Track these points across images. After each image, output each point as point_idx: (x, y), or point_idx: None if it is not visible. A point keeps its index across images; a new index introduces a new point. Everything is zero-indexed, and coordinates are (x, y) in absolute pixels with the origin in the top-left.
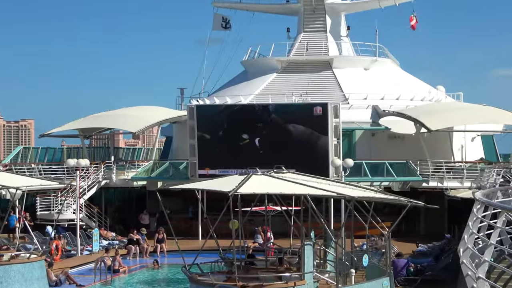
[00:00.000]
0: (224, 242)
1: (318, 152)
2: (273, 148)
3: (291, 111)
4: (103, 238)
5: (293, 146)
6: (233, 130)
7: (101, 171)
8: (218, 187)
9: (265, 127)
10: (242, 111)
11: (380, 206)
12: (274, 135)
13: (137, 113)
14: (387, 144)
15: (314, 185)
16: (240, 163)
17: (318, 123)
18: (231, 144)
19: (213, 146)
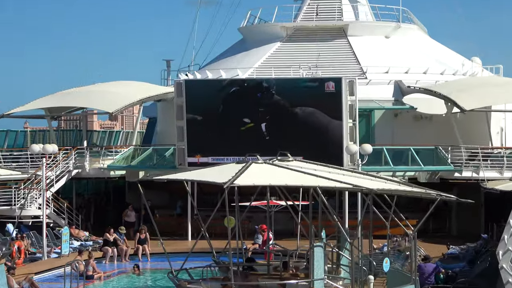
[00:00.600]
0: (218, 243)
1: (329, 136)
2: (279, 133)
3: (297, 88)
4: (74, 238)
5: (299, 129)
6: (231, 111)
7: (71, 158)
8: (211, 177)
9: (267, 108)
10: (242, 90)
11: (404, 200)
12: (278, 116)
13: (115, 90)
14: (413, 127)
15: (325, 175)
16: (237, 150)
17: (330, 101)
18: (229, 128)
19: (205, 129)
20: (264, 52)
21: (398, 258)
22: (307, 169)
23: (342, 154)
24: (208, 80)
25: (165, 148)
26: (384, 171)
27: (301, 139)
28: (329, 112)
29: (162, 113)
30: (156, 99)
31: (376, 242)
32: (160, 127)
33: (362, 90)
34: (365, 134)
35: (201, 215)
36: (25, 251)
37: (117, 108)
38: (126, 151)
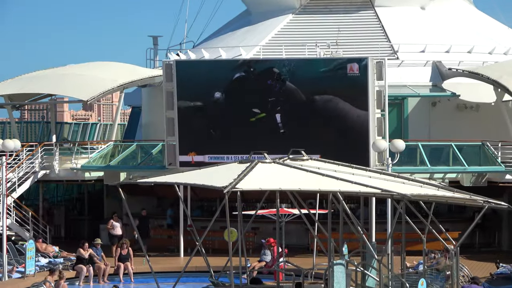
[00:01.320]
0: (217, 260)
1: (353, 130)
2: (294, 126)
3: (313, 71)
4: (41, 254)
5: (316, 122)
6: (234, 99)
7: (37, 157)
8: (208, 180)
9: (279, 97)
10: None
11: (444, 209)
12: (291, 107)
13: (90, 73)
14: (454, 118)
15: (348, 177)
16: (240, 146)
17: (353, 87)
18: (231, 120)
19: (201, 121)
20: (272, 26)
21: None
22: (326, 170)
23: (368, 152)
24: (204, 61)
25: (152, 144)
26: (419, 173)
27: (318, 134)
28: (352, 101)
29: (148, 101)
30: (140, 84)
31: (410, 259)
32: (146, 118)
33: (393, 73)
34: (397, 127)
35: (196, 226)
36: None
37: (93, 95)
38: (104, 148)
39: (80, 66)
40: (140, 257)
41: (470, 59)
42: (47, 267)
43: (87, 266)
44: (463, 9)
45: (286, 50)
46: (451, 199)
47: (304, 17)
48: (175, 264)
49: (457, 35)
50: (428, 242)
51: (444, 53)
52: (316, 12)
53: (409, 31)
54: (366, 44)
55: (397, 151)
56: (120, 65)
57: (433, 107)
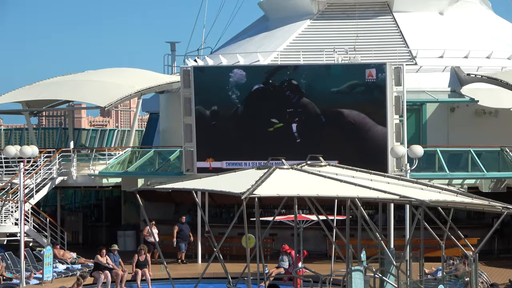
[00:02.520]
0: (235, 266)
1: (370, 136)
2: (310, 134)
3: (330, 77)
4: (59, 260)
5: (334, 128)
6: (252, 106)
7: (55, 163)
8: (226, 186)
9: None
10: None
11: (463, 215)
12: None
13: (108, 79)
14: (473, 124)
15: (366, 183)
16: (258, 152)
17: (371, 93)
18: (249, 126)
19: (219, 127)
20: (290, 32)
21: (455, 285)
22: (344, 176)
23: (386, 157)
24: (222, 67)
25: (170, 150)
26: (438, 179)
27: (336, 139)
28: (370, 107)
29: (166, 107)
30: (158, 91)
31: (429, 265)
32: (164, 124)
33: (411, 79)
34: (415, 133)
35: (214, 233)
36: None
37: (111, 101)
38: (122, 154)
39: (98, 72)
40: (157, 263)
41: (488, 64)
42: (65, 273)
43: (105, 272)
44: (481, 14)
45: (304, 56)
46: (469, 205)
47: (322, 23)
48: (193, 271)
49: (475, 40)
50: (446, 248)
51: (462, 58)
52: (334, 18)
53: (427, 37)
54: (384, 49)
55: (415, 157)
56: (137, 71)
57: (451, 113)
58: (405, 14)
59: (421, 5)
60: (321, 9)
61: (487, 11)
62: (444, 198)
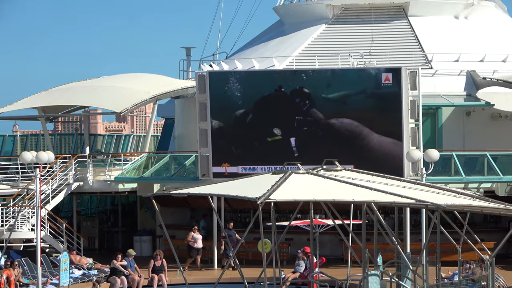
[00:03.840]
0: (251, 271)
1: (386, 141)
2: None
3: (345, 81)
4: (75, 266)
5: (348, 131)
6: (261, 113)
7: (71, 168)
8: (242, 191)
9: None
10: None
11: (479, 218)
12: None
13: (123, 85)
14: (489, 128)
15: (382, 188)
16: (274, 158)
17: (386, 96)
18: (257, 137)
19: (234, 133)
20: (305, 37)
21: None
22: (360, 180)
23: (402, 162)
24: (237, 72)
25: (185, 155)
26: (454, 183)
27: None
28: (385, 111)
29: (181, 112)
30: (173, 96)
31: (445, 270)
32: (179, 129)
33: (427, 83)
34: (431, 137)
35: (230, 238)
36: (15, 282)
37: (126, 107)
38: (138, 159)
39: (114, 78)
40: (174, 268)
41: (504, 68)
42: (81, 279)
43: (121, 278)
44: (497, 18)
45: (319, 60)
46: (486, 209)
47: (337, 27)
48: (209, 276)
49: (491, 44)
50: (463, 252)
51: (478, 62)
52: (349, 22)
53: (443, 41)
54: (399, 53)
55: (431, 161)
56: (153, 77)
57: (467, 117)
58: (421, 18)
59: (437, 9)
60: (336, 13)
61: (502, 15)
62: (460, 202)
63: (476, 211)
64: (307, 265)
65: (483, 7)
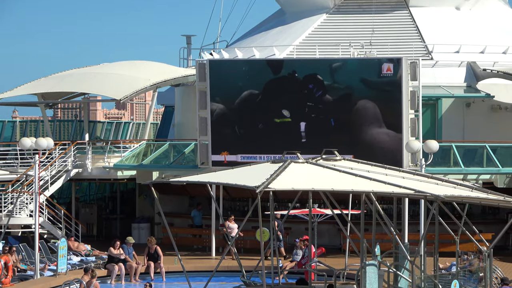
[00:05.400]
0: (249, 260)
1: (385, 131)
2: (321, 129)
3: (347, 71)
4: (73, 252)
5: (349, 122)
6: (268, 100)
7: (70, 155)
8: (241, 180)
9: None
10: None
11: (478, 210)
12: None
13: (123, 72)
14: (489, 119)
15: (381, 178)
16: (273, 146)
17: (387, 87)
18: (264, 120)
19: (234, 121)
20: (306, 26)
21: (469, 280)
22: (359, 170)
23: (401, 152)
24: (237, 61)
25: (185, 143)
26: (453, 174)
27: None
28: (386, 102)
29: (181, 100)
30: (173, 84)
31: (443, 260)
32: (179, 117)
33: (427, 74)
34: (430, 128)
35: (228, 226)
36: (13, 268)
37: (126, 94)
38: (137, 147)
39: (114, 65)
40: (171, 255)
41: (505, 59)
42: (79, 265)
43: (119, 265)
44: (498, 9)
45: (320, 50)
46: (484, 200)
47: (338, 17)
48: (207, 264)
49: (492, 35)
50: (461, 243)
51: (478, 53)
52: (350, 12)
53: (443, 32)
54: (400, 44)
55: (430, 152)
56: (153, 64)
57: (467, 108)
58: (422, 9)
59: (438, 0)
60: (337, 3)
61: (503, 7)
62: (459, 193)
63: (474, 202)
64: (305, 254)
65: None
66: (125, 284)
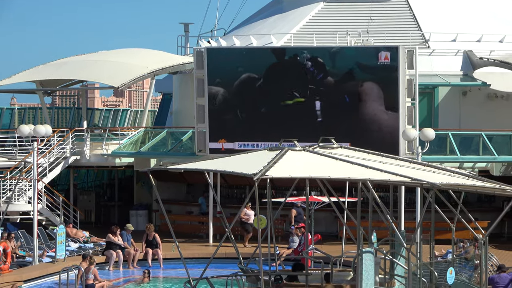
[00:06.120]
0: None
1: (382, 119)
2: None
3: (345, 59)
4: (72, 239)
5: (343, 111)
6: (266, 86)
7: (68, 142)
8: (238, 167)
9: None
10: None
11: (474, 198)
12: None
13: (121, 60)
14: (485, 108)
15: (378, 166)
16: (271, 134)
17: (383, 75)
18: (262, 107)
19: (232, 108)
20: (303, 14)
21: (465, 267)
22: (355, 158)
23: (398, 140)
24: (235, 49)
25: (182, 131)
26: (449, 162)
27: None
28: (382, 89)
29: (179, 88)
30: (171, 71)
31: (439, 248)
32: (176, 105)
33: (424, 62)
34: (427, 116)
35: (226, 213)
36: (12, 254)
37: (124, 82)
38: (135, 134)
39: (112, 52)
40: (169, 242)
41: (501, 48)
42: (78, 252)
43: (117, 252)
44: None
45: (317, 38)
46: (480, 188)
47: (335, 5)
48: (204, 251)
49: (488, 24)
50: (457, 231)
51: (475, 42)
52: (347, 0)
53: (440, 20)
54: (397, 32)
55: (427, 140)
56: (151, 52)
57: (463, 96)
58: None
59: None
60: None
61: None
62: (455, 181)
63: (470, 190)
64: (301, 241)
65: None
66: (123, 270)
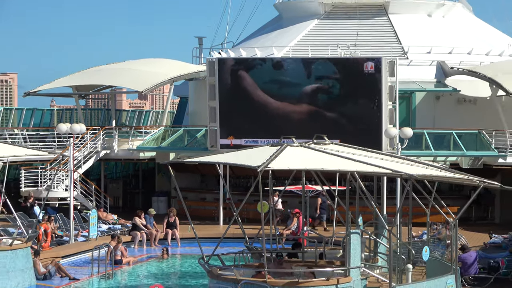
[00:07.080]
0: (251, 228)
1: (368, 119)
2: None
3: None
4: (102, 221)
5: (335, 112)
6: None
7: (99, 138)
8: (245, 160)
9: None
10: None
11: (445, 187)
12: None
13: (145, 68)
14: (455, 110)
15: (363, 159)
16: (272, 132)
17: (368, 82)
18: (264, 108)
19: (239, 110)
20: (300, 30)
21: (438, 246)
22: (345, 153)
23: (381, 137)
24: (242, 59)
25: (197, 129)
26: (424, 156)
27: (335, 121)
28: (367, 94)
29: (194, 92)
30: (187, 78)
31: (416, 229)
32: (192, 107)
33: (403, 71)
34: (405, 117)
35: (234, 199)
36: (51, 234)
37: (147, 87)
38: (156, 132)
39: (137, 62)
40: (185, 224)
41: (469, 59)
42: (107, 232)
43: (141, 232)
44: (464, 16)
45: (312, 50)
46: (451, 179)
47: (328, 22)
48: (216, 231)
49: (458, 39)
50: (431, 215)
51: (447, 54)
52: (338, 18)
53: (417, 35)
54: (380, 45)
55: (405, 137)
56: (170, 62)
57: (437, 101)
58: (399, 15)
59: (412, 8)
60: (327, 10)
61: (468, 14)
62: (430, 172)
63: (443, 180)
64: (297, 224)
65: (452, 7)
66: (146, 248)
